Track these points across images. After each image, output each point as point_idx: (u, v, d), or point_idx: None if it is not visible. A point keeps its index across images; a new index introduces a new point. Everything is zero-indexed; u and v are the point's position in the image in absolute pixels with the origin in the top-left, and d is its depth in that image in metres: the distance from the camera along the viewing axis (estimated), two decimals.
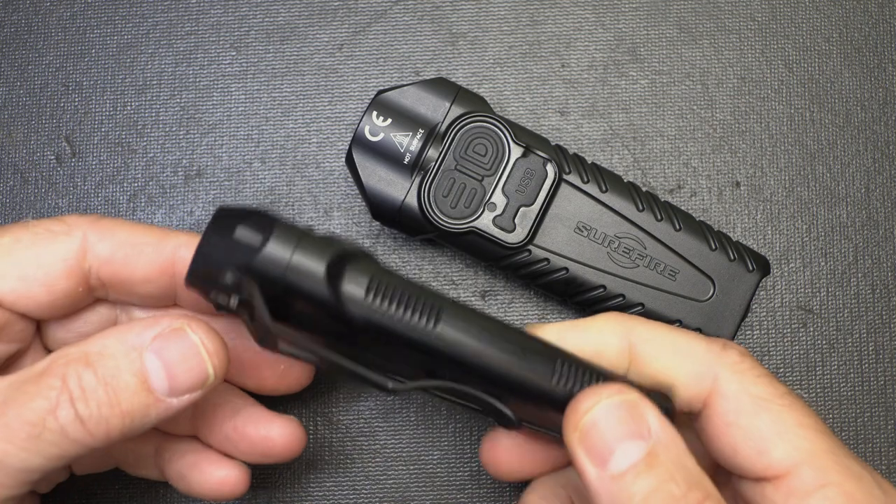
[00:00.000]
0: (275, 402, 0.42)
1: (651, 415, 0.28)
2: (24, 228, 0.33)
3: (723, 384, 0.30)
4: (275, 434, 0.36)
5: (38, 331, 0.35)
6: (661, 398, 0.32)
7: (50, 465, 0.29)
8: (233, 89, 0.44)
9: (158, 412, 0.30)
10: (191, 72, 0.44)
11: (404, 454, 0.42)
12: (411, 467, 0.42)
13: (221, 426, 0.36)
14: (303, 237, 0.29)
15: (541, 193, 0.39)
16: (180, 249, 0.33)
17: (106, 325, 0.35)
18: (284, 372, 0.37)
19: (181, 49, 0.44)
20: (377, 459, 0.42)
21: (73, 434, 0.29)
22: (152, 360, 0.30)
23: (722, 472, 0.33)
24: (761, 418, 0.30)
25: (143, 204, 0.43)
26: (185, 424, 0.37)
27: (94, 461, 0.38)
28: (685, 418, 0.33)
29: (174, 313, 0.31)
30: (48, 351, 0.35)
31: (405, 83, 0.39)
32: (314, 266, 0.28)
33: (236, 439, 0.36)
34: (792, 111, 0.44)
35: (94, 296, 0.34)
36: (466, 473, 0.42)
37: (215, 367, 0.31)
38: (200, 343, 0.30)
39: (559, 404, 0.30)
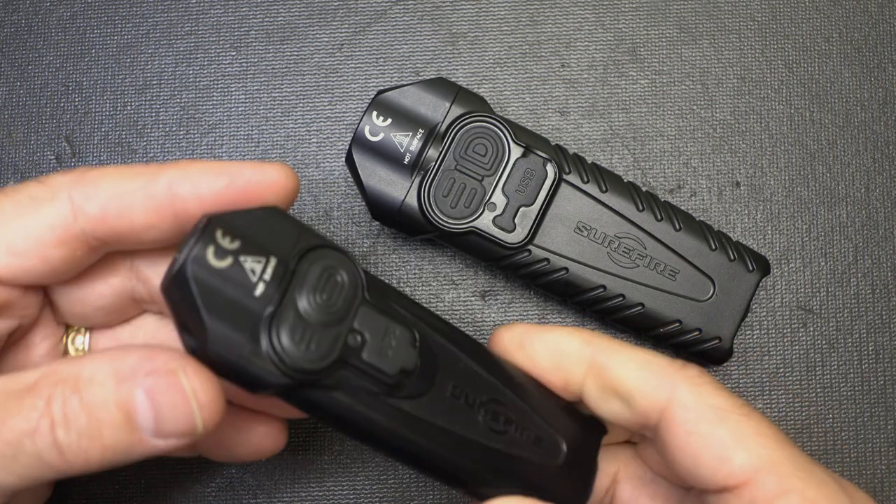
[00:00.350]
0: None
1: None
2: (6, 196, 0.31)
3: (682, 395, 0.30)
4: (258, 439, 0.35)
5: (47, 298, 0.33)
6: (598, 428, 0.33)
7: (23, 484, 0.28)
8: (233, 89, 0.44)
9: (142, 451, 0.28)
10: (191, 72, 0.44)
11: None
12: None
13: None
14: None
15: (541, 193, 0.39)
16: (173, 185, 0.30)
17: (120, 294, 0.34)
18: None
19: (181, 49, 0.44)
20: (377, 459, 0.42)
21: (49, 460, 0.27)
22: (141, 398, 0.27)
23: (688, 492, 0.33)
24: (721, 427, 0.30)
25: None
26: None
27: None
28: (640, 434, 0.33)
29: (171, 351, 0.28)
30: (57, 322, 0.34)
31: (405, 83, 0.39)
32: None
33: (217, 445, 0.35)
34: (792, 111, 0.44)
35: (101, 251, 0.32)
36: None
37: (205, 420, 0.28)
38: (192, 393, 0.28)
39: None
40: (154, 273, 0.34)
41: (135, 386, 0.27)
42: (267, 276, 0.28)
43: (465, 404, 0.31)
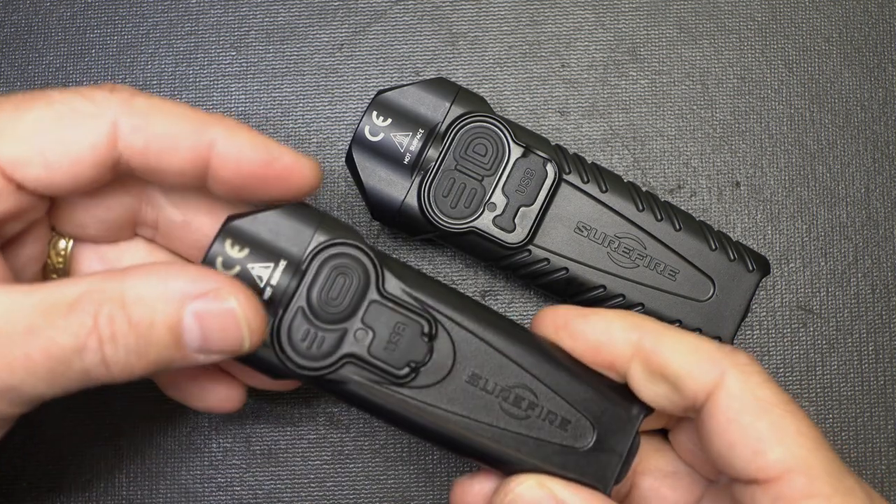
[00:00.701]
0: (276, 402, 0.42)
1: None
2: (48, 105, 0.30)
3: (729, 381, 0.30)
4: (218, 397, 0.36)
5: (53, 203, 0.33)
6: (641, 407, 0.33)
7: (62, 395, 0.29)
8: (233, 89, 0.44)
9: (183, 364, 0.30)
10: (191, 72, 0.44)
11: (404, 454, 0.42)
12: (411, 467, 0.42)
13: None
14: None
15: (541, 193, 0.39)
16: (218, 142, 0.31)
17: (127, 212, 0.34)
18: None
19: (181, 49, 0.44)
20: (377, 459, 0.42)
21: (96, 375, 0.28)
22: (190, 320, 0.29)
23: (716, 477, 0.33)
24: (762, 420, 0.30)
25: None
26: None
27: None
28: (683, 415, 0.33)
29: (219, 277, 0.29)
30: (52, 229, 0.34)
31: (405, 83, 0.39)
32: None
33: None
34: (792, 111, 0.44)
35: (123, 175, 0.32)
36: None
37: (252, 342, 0.30)
38: (243, 315, 0.29)
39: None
40: (166, 200, 0.34)
41: (184, 308, 0.28)
42: (274, 281, 0.31)
43: (481, 391, 0.32)
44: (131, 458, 0.42)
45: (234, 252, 0.31)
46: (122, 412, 0.42)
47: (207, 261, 0.31)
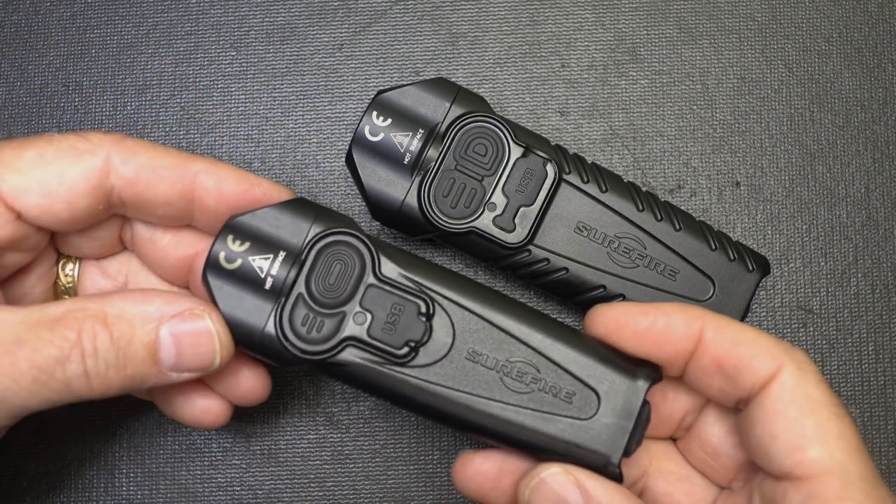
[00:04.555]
0: (276, 402, 0.42)
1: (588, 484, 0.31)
2: (48, 143, 0.33)
3: (784, 375, 0.31)
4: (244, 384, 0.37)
5: (51, 240, 0.36)
6: (649, 375, 0.33)
7: (43, 407, 0.31)
8: (233, 89, 0.44)
9: (157, 381, 0.32)
10: (191, 72, 0.44)
11: (404, 454, 0.42)
12: (411, 467, 0.42)
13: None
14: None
15: (541, 193, 0.39)
16: (200, 175, 0.34)
17: (116, 237, 0.37)
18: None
19: (181, 49, 0.44)
20: (377, 459, 0.42)
21: (76, 387, 0.30)
22: (166, 337, 0.31)
23: (746, 471, 0.33)
24: (809, 417, 0.30)
25: None
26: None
27: None
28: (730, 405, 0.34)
29: (193, 299, 0.32)
30: (58, 253, 0.37)
31: (405, 83, 0.39)
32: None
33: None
34: (792, 111, 0.44)
35: (114, 211, 0.35)
36: None
37: (223, 357, 0.32)
38: (216, 333, 0.32)
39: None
40: (143, 228, 0.37)
41: (161, 327, 0.31)
42: (274, 271, 0.33)
43: (483, 367, 0.33)
44: (131, 458, 0.42)
45: (236, 246, 0.33)
46: (122, 412, 0.42)
47: (211, 256, 0.33)
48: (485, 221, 0.38)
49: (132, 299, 0.32)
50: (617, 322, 0.33)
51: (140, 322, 0.31)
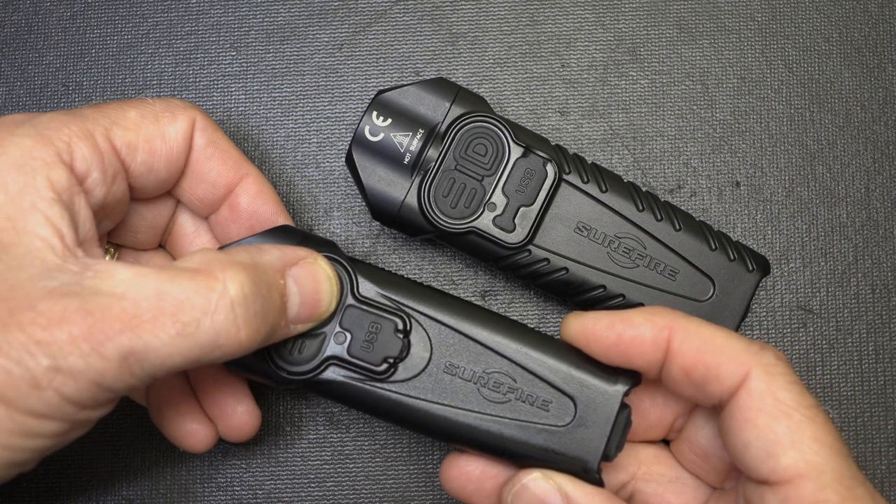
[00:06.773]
0: (276, 402, 0.42)
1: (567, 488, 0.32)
2: (144, 104, 0.34)
3: (752, 381, 0.31)
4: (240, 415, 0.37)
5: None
6: (627, 379, 0.33)
7: (183, 366, 0.28)
8: (233, 89, 0.44)
9: (281, 335, 0.32)
10: (191, 72, 0.44)
11: (404, 454, 0.42)
12: (411, 467, 0.42)
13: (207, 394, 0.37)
14: None
15: (541, 193, 0.39)
16: (249, 177, 0.37)
17: (167, 218, 0.38)
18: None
19: (181, 49, 0.44)
20: (377, 459, 0.42)
21: (224, 340, 0.29)
22: (291, 285, 0.32)
23: (736, 471, 0.34)
24: (780, 423, 0.30)
25: None
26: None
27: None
28: (710, 411, 0.34)
29: (303, 248, 0.33)
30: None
31: (405, 83, 0.39)
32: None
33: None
34: (792, 111, 0.44)
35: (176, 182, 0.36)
36: None
37: (332, 304, 0.33)
38: (330, 278, 0.33)
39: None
40: (188, 221, 0.38)
41: (286, 275, 0.32)
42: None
43: (460, 379, 0.34)
44: (131, 458, 0.42)
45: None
46: (122, 412, 0.42)
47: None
48: (485, 221, 0.38)
49: (255, 250, 0.31)
50: (585, 335, 0.33)
51: (273, 272, 0.31)
